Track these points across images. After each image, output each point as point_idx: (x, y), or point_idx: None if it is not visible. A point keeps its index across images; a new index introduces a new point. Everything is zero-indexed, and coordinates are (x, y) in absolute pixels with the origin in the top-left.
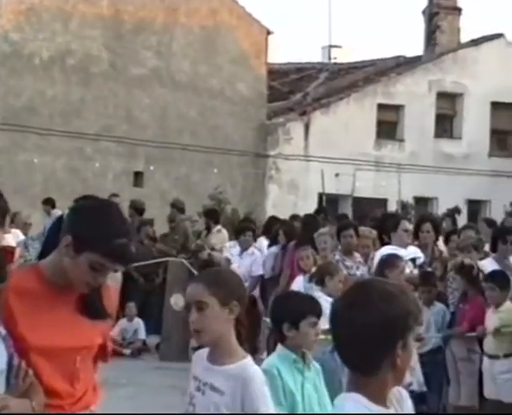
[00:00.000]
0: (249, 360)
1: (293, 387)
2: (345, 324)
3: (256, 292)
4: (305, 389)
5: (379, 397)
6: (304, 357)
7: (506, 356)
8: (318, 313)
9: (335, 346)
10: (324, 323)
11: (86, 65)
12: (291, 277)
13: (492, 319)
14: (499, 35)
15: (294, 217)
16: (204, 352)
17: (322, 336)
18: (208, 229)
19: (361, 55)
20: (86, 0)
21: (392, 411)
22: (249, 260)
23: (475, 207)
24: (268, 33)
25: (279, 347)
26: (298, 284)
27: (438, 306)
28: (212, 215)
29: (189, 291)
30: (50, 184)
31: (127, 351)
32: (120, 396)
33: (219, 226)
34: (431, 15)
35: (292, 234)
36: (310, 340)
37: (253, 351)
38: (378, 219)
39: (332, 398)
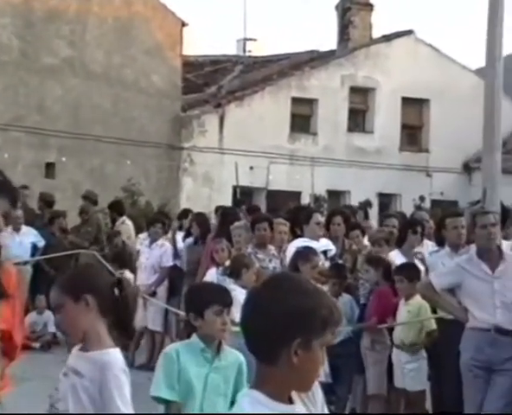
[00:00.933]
0: (114, 349)
1: (193, 376)
2: (250, 313)
3: (165, 283)
4: (210, 379)
5: (280, 393)
6: (219, 347)
7: (411, 346)
8: (224, 302)
9: (244, 335)
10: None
11: None
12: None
13: (401, 311)
14: (409, 32)
15: (218, 209)
16: None
17: (236, 328)
18: (113, 221)
19: (275, 49)
20: None
21: (297, 409)
22: (159, 252)
23: (386, 200)
24: (183, 25)
25: (193, 336)
26: (211, 276)
27: (346, 297)
28: (116, 207)
29: (50, 297)
30: None
31: (37, 344)
32: (24, 390)
33: (123, 218)
34: (344, 11)
35: (206, 226)
36: (216, 328)
37: (130, 336)
38: (291, 211)
39: None
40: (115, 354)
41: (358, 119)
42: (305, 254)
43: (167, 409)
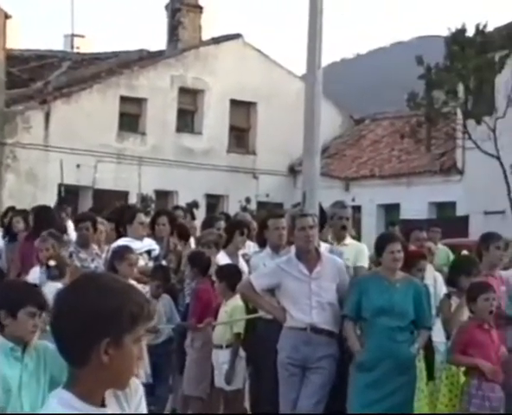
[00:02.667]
0: None
1: (8, 377)
2: (57, 316)
3: None
4: (23, 380)
5: (91, 394)
6: (25, 347)
7: (228, 347)
8: (39, 304)
9: (53, 338)
10: None
11: None
12: (24, 269)
13: (221, 311)
14: (238, 35)
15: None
16: None
17: None
18: None
19: (104, 46)
20: None
21: (108, 410)
22: None
23: (213, 201)
24: (6, 16)
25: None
26: (34, 275)
27: (165, 298)
28: None
29: None
30: None
31: None
32: None
33: None
34: (173, 11)
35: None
36: (27, 330)
37: None
38: (115, 211)
39: None
40: None
41: (187, 120)
42: (121, 253)
43: None
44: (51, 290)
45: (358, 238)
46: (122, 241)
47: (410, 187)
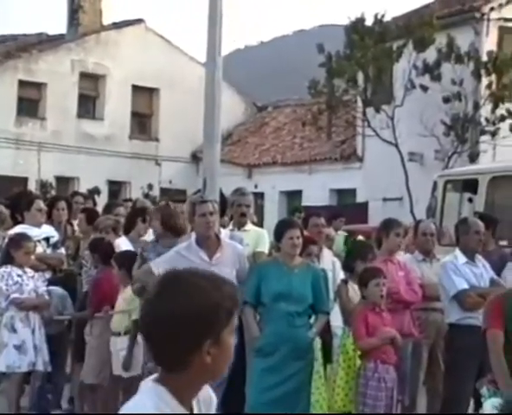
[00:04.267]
0: None
1: None
2: (151, 321)
3: None
4: None
5: (185, 395)
6: None
7: (126, 333)
8: None
9: (144, 337)
10: None
11: None
12: None
13: (119, 299)
14: (140, 21)
15: None
16: None
17: None
18: None
19: (1, 29)
20: None
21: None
22: None
23: (115, 187)
24: None
25: None
26: None
27: (59, 290)
28: None
29: None
30: None
31: None
32: None
33: None
34: None
35: None
36: None
37: None
38: (12, 197)
39: None
40: None
41: (88, 105)
42: (17, 240)
43: None
44: None
45: (261, 224)
46: (19, 228)
47: (311, 174)
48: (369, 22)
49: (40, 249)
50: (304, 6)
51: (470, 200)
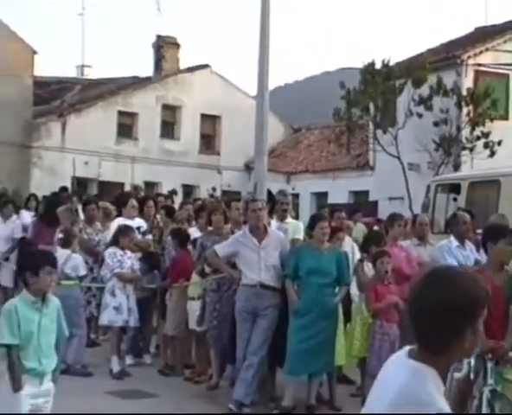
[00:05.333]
0: None
1: (29, 322)
2: (424, 304)
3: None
4: (42, 323)
5: (441, 375)
6: (44, 298)
7: (199, 298)
8: (53, 264)
9: (417, 329)
10: None
11: None
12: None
13: (194, 273)
14: (206, 66)
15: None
16: None
17: (65, 281)
18: None
19: (105, 73)
20: None
21: None
22: (11, 226)
23: (188, 189)
24: (34, 52)
25: (24, 291)
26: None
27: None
28: None
29: None
30: None
31: None
32: None
33: None
34: (158, 47)
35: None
36: (46, 284)
37: None
38: (115, 197)
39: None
40: None
41: (168, 129)
42: (125, 230)
43: (8, 352)
44: (61, 254)
45: (296, 217)
46: (119, 220)
47: (335, 179)
48: (378, 65)
49: (137, 235)
50: (328, 52)
51: (455, 199)
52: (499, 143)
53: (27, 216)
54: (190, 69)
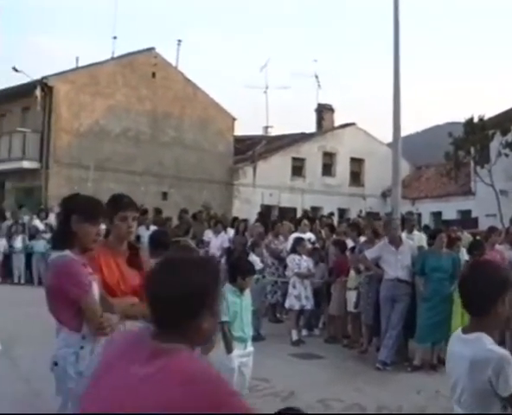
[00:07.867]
0: None
1: (233, 304)
2: (469, 282)
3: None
4: (243, 305)
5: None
6: (241, 289)
7: (355, 289)
8: (254, 272)
9: (465, 296)
10: None
11: None
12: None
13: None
14: (353, 124)
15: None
16: None
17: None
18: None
19: (283, 130)
20: None
21: None
22: (221, 239)
23: (342, 212)
24: (234, 119)
25: (228, 284)
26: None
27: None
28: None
29: None
30: None
31: None
32: None
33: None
34: (318, 111)
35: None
36: (246, 285)
37: None
38: (291, 218)
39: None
40: None
41: (327, 169)
42: (300, 242)
43: (221, 326)
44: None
45: (420, 231)
46: (295, 234)
47: (447, 202)
48: (476, 119)
49: (308, 245)
50: (436, 108)
51: None
52: None
53: (231, 232)
54: (342, 126)
